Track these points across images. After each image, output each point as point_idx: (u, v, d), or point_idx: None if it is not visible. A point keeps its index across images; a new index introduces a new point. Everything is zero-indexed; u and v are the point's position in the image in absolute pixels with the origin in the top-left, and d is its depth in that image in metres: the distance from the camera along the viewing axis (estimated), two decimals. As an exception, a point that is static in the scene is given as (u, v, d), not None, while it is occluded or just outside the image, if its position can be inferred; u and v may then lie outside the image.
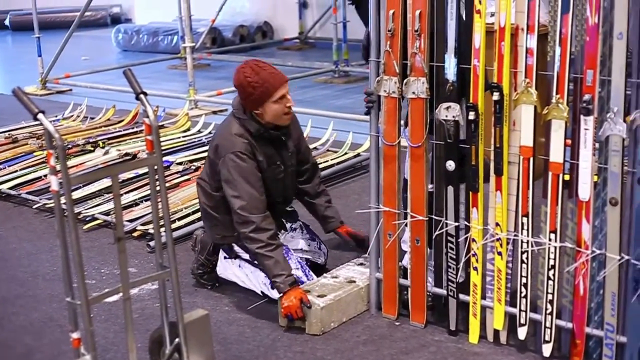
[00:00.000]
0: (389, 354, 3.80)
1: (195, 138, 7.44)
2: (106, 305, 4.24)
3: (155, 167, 3.04)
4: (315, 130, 7.44)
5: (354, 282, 4.21)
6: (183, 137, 7.49)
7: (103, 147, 6.97)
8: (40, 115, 2.70)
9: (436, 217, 3.87)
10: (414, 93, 3.78)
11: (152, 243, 5.01)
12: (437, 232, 3.85)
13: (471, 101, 3.62)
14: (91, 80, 10.66)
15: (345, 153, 6.85)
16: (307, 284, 4.18)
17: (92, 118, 8.31)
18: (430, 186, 3.90)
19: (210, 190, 4.28)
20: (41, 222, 5.76)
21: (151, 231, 5.19)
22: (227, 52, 12.98)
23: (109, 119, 8.24)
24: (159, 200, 3.03)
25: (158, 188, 3.02)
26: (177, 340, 3.17)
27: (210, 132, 7.71)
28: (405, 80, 3.79)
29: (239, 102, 4.20)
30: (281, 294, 4.00)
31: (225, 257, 4.41)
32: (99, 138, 7.30)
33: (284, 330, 4.02)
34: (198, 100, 9.02)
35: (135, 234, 5.27)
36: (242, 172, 4.08)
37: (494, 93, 3.53)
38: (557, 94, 3.42)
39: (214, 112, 8.78)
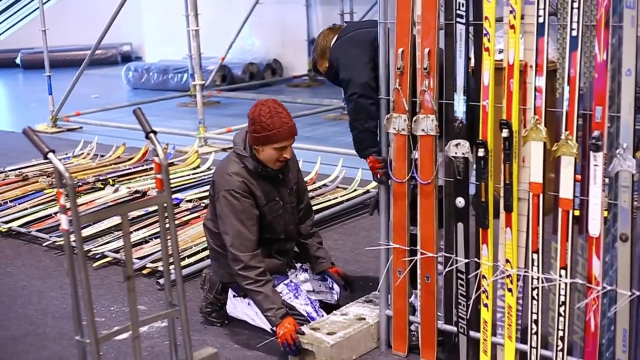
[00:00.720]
0: None
1: (204, 175, 7.47)
2: (115, 343, 4.24)
3: (165, 205, 3.04)
4: (325, 167, 7.48)
5: (364, 319, 4.21)
6: (192, 174, 7.51)
7: (113, 185, 7.00)
8: (50, 155, 2.71)
9: (446, 254, 3.86)
10: (423, 130, 3.80)
11: (161, 280, 5.03)
12: (447, 269, 3.85)
13: (480, 138, 3.63)
14: (101, 118, 10.71)
15: (355, 190, 6.86)
16: (317, 322, 4.17)
17: (102, 156, 8.36)
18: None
19: (215, 229, 4.32)
20: (51, 259, 5.77)
21: (161, 268, 5.18)
22: (237, 90, 13.05)
23: (119, 157, 8.28)
24: (169, 238, 3.04)
25: (168, 226, 3.03)
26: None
27: None
28: (414, 118, 3.81)
29: (242, 137, 4.25)
30: (274, 327, 4.04)
31: (234, 296, 4.42)
32: (109, 176, 7.33)
33: None
34: (208, 138, 9.07)
35: (144, 272, 5.28)
36: (233, 210, 4.13)
37: (503, 130, 3.54)
38: (566, 130, 3.43)
39: (224, 150, 8.80)
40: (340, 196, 6.70)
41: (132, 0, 16.25)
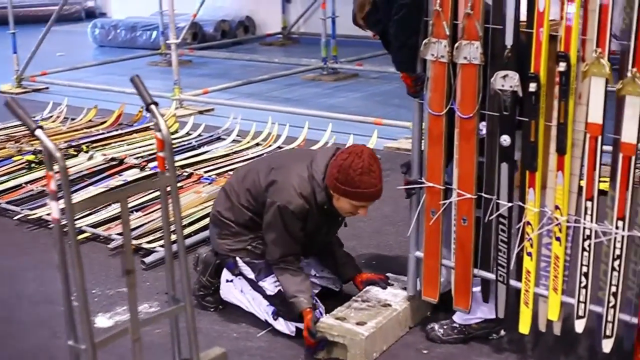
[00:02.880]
0: None
1: (184, 141, 7.04)
2: (99, 332, 3.80)
3: (169, 188, 2.64)
4: (311, 132, 7.09)
5: (390, 305, 3.87)
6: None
7: (87, 152, 6.52)
8: (38, 132, 2.31)
9: (486, 195, 3.51)
10: (465, 58, 3.40)
11: (146, 259, 4.62)
12: (488, 214, 3.50)
13: (532, 71, 3.23)
14: (69, 77, 10.04)
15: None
16: (341, 310, 3.81)
17: (72, 119, 7.81)
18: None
19: (237, 202, 3.95)
20: (23, 234, 5.23)
21: (145, 245, 4.78)
22: (209, 48, 12.52)
23: (90, 120, 7.77)
24: (172, 225, 2.63)
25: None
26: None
27: (200, 135, 7.25)
28: (456, 44, 3.40)
29: (325, 164, 3.79)
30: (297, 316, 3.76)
31: (227, 280, 4.08)
32: (81, 142, 6.82)
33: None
34: (183, 100, 8.55)
35: None
36: (288, 228, 3.78)
37: (560, 63, 3.15)
38: (633, 67, 3.03)
39: (201, 112, 8.35)
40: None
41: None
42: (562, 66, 3.15)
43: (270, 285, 3.89)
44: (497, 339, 3.76)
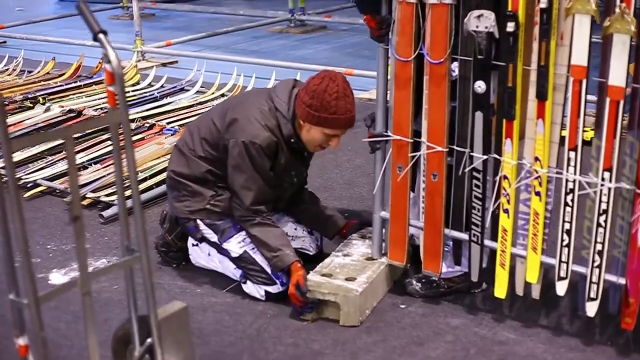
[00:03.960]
0: (399, 345, 3.17)
1: (146, 93, 6.68)
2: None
3: (120, 125, 2.31)
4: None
5: (373, 259, 3.56)
6: (132, 91, 6.72)
7: (44, 104, 6.15)
8: None
9: (459, 148, 3.22)
10: (436, -3, 3.09)
11: (105, 213, 4.32)
12: (461, 168, 3.21)
13: (510, 9, 2.93)
14: (27, 31, 9.56)
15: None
16: (324, 266, 3.50)
17: (29, 72, 7.41)
18: None
19: (193, 155, 3.61)
20: None
21: (104, 199, 4.47)
22: (173, 1, 12.02)
23: (48, 73, 7.37)
24: (124, 162, 2.31)
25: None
26: (149, 340, 2.48)
27: (162, 86, 6.91)
28: (425, -19, 3.09)
29: (288, 95, 3.49)
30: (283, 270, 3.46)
31: (193, 245, 3.75)
32: (38, 94, 6.44)
33: (310, 324, 3.34)
34: (145, 52, 8.18)
35: (84, 202, 4.46)
36: (257, 167, 3.44)
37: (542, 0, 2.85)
38: (622, 1, 2.74)
39: (164, 65, 7.99)
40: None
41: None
42: (543, 2, 2.85)
43: (234, 246, 3.56)
44: (479, 292, 3.47)
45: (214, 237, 3.61)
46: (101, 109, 6.01)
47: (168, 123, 5.72)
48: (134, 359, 2.47)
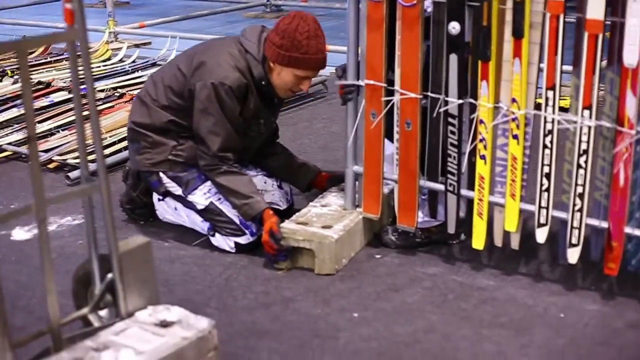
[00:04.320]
0: (374, 291, 3.06)
1: (117, 67, 6.55)
2: (16, 245, 3.49)
3: (77, 44, 2.20)
4: None
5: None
6: (103, 66, 6.58)
7: (12, 77, 5.97)
8: None
9: (433, 94, 3.10)
10: None
11: (71, 174, 4.20)
12: (435, 114, 3.09)
13: (484, -59, 2.82)
14: None
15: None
16: (300, 214, 3.37)
17: None
18: None
19: (155, 105, 3.46)
20: None
21: (70, 161, 4.34)
22: None
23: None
24: (82, 78, 2.20)
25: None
26: (109, 275, 2.36)
27: (134, 62, 6.77)
28: None
29: (258, 37, 3.38)
30: (249, 221, 3.32)
31: (159, 199, 3.60)
32: (6, 68, 6.25)
33: (283, 273, 3.22)
34: (118, 33, 7.98)
35: (51, 166, 4.37)
36: (226, 109, 3.30)
37: None
38: None
39: (136, 45, 7.78)
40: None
41: None
42: None
43: (200, 198, 3.42)
44: (457, 243, 3.35)
45: (177, 190, 3.47)
46: (71, 81, 5.85)
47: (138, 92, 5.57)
48: (95, 299, 2.35)
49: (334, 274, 3.16)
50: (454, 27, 2.98)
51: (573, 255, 2.96)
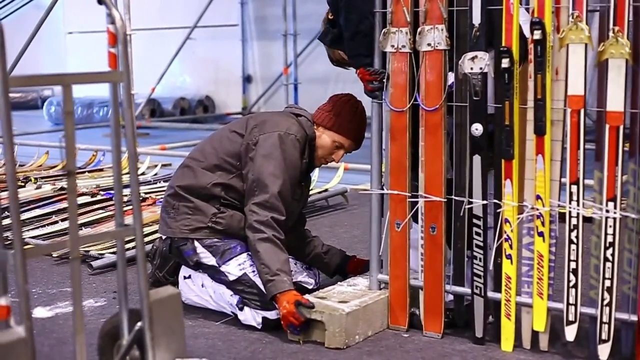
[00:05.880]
0: None
1: (139, 179, 6.66)
2: (38, 321, 3.48)
3: (122, 86, 2.30)
4: None
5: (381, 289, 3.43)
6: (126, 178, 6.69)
7: (35, 183, 6.12)
8: None
9: (457, 198, 3.15)
10: (429, 45, 3.13)
11: (94, 263, 4.22)
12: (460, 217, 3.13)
13: (504, 44, 2.96)
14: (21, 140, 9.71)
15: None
16: (323, 291, 3.39)
17: (21, 165, 7.42)
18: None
19: (202, 167, 3.53)
20: None
21: (92, 253, 4.36)
22: (168, 122, 12.31)
23: (40, 165, 7.41)
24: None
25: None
26: (138, 324, 2.34)
27: (155, 174, 7.01)
28: (418, 30, 3.14)
29: (307, 111, 3.69)
30: (272, 299, 3.26)
31: (185, 277, 3.61)
32: (30, 175, 6.47)
33: (300, 344, 3.19)
34: (139, 154, 8.24)
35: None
36: (288, 158, 3.45)
37: (535, 32, 2.89)
38: (615, 24, 2.78)
39: (155, 166, 8.01)
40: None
41: (57, 43, 15.64)
42: (537, 34, 2.90)
43: (234, 268, 3.40)
44: (489, 323, 3.27)
45: (211, 260, 3.44)
46: (93, 187, 6.00)
47: (161, 197, 5.60)
48: (122, 350, 2.30)
49: (343, 348, 3.11)
50: (477, 128, 3.08)
51: (604, 352, 2.91)
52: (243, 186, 3.46)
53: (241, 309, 3.37)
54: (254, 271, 3.38)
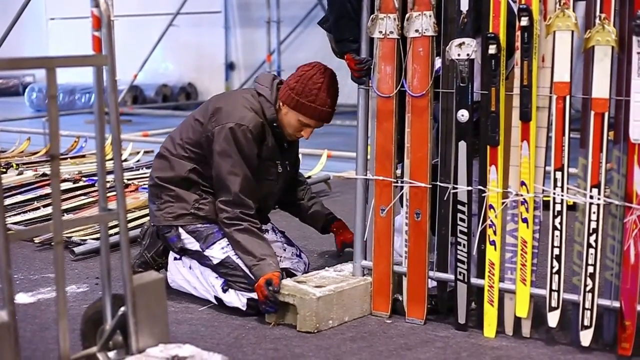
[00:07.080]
0: (386, 349, 3.02)
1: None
2: (20, 307, 3.46)
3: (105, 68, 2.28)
4: None
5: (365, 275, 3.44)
6: (109, 164, 6.65)
7: (17, 169, 6.08)
8: None
9: (442, 184, 3.16)
10: (417, 31, 3.13)
11: (76, 249, 4.21)
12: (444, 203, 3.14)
13: (491, 31, 2.97)
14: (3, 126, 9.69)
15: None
16: (305, 275, 3.43)
17: (2, 151, 7.37)
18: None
19: (176, 157, 3.54)
20: None
21: (75, 239, 4.35)
22: (150, 109, 12.25)
23: (22, 152, 7.35)
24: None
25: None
26: (122, 309, 2.34)
27: (138, 160, 6.94)
28: (406, 16, 3.14)
29: (271, 82, 3.55)
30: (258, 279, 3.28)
31: (175, 258, 3.61)
32: (11, 162, 6.41)
33: (271, 327, 3.22)
34: (123, 140, 8.19)
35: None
36: (244, 151, 3.40)
37: (522, 18, 2.90)
38: (602, 11, 2.80)
39: (137, 153, 7.99)
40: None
41: (39, 29, 15.56)
42: (524, 21, 2.90)
43: (217, 252, 3.41)
44: (472, 309, 3.27)
45: (195, 246, 3.46)
46: (75, 173, 5.96)
47: (143, 183, 5.60)
48: (105, 335, 2.30)
49: (314, 332, 3.13)
50: (463, 114, 3.09)
51: (586, 338, 2.93)
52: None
53: (226, 291, 3.38)
54: (236, 253, 3.39)
